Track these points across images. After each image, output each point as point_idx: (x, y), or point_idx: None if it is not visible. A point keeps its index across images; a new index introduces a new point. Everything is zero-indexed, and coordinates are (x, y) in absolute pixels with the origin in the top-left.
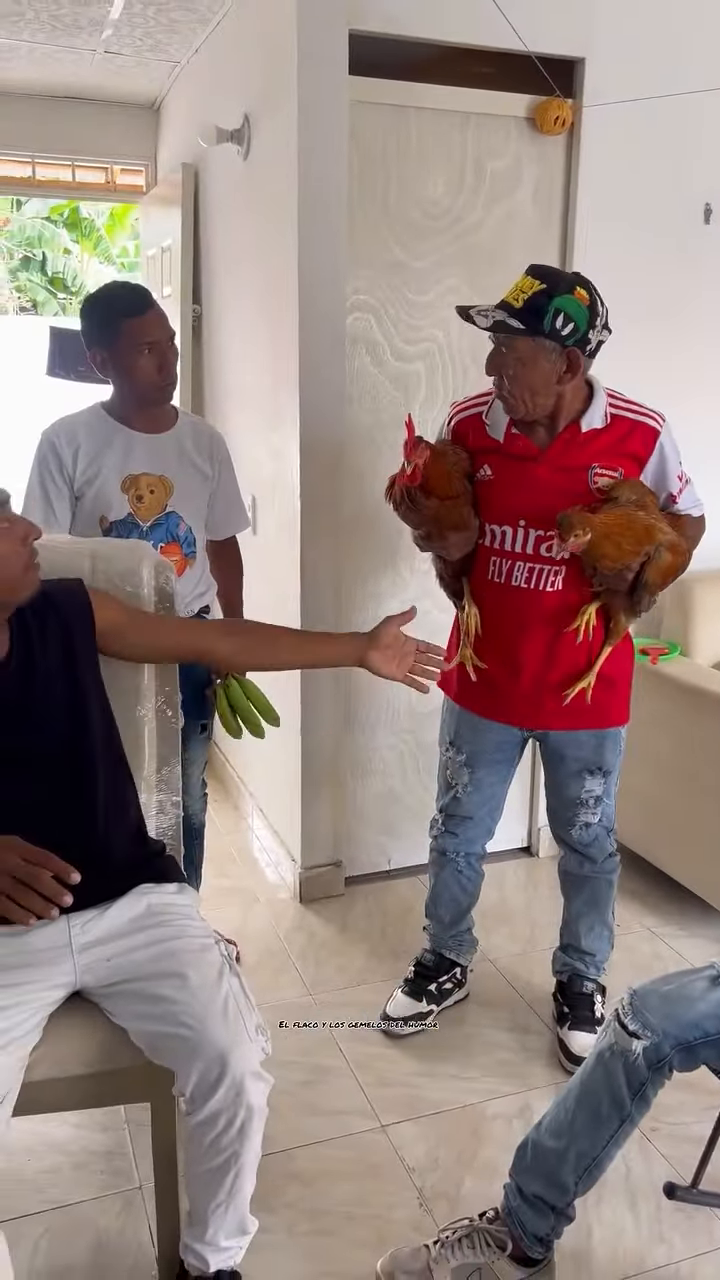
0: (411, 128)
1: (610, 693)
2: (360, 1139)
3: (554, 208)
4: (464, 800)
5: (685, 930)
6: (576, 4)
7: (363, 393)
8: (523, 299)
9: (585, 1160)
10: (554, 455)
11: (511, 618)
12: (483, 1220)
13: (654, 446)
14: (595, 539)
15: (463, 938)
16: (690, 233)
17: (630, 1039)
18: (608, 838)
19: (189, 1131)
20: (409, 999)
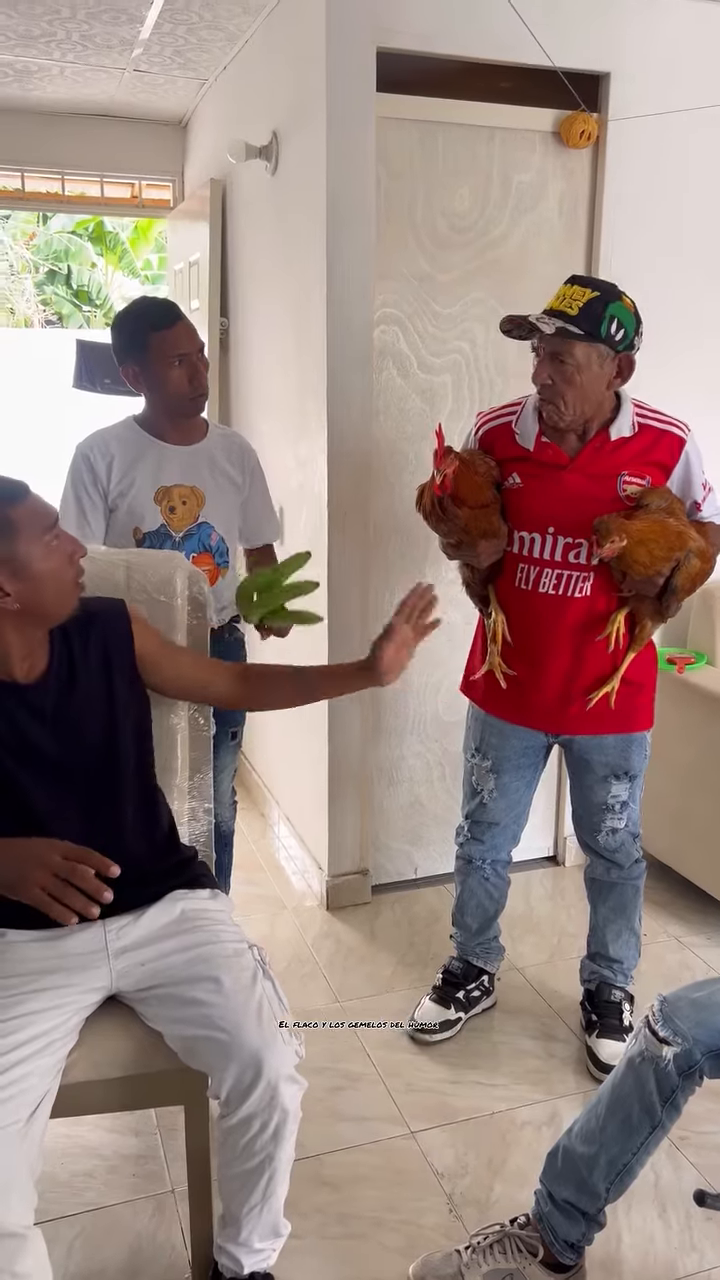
0: (438, 142)
1: (635, 698)
2: (389, 1145)
3: (579, 221)
4: (490, 806)
5: (713, 940)
6: (602, 19)
7: (389, 405)
8: (577, 306)
9: (616, 1166)
10: (583, 463)
11: (538, 624)
12: (514, 1226)
13: (680, 455)
14: (630, 545)
15: (490, 945)
16: (717, 247)
17: (661, 1045)
18: (634, 844)
19: (222, 1134)
20: (437, 1006)
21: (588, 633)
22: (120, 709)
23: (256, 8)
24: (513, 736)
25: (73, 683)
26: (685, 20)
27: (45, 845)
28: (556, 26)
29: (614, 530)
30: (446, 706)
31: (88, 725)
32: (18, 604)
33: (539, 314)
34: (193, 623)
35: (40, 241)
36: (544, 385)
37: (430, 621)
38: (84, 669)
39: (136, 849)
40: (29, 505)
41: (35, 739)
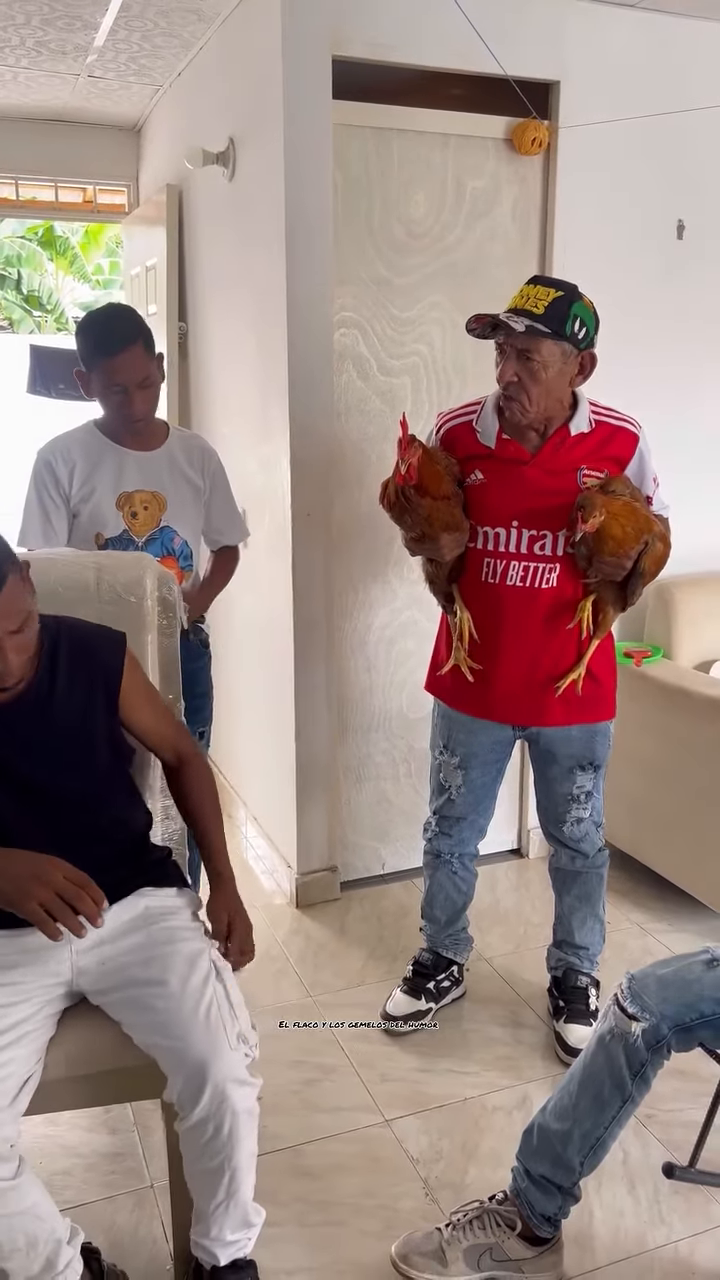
0: (393, 149)
1: (598, 689)
2: (365, 1133)
3: (532, 226)
4: (458, 802)
5: (673, 926)
6: (552, 29)
7: (350, 407)
8: (543, 305)
9: (590, 1140)
10: (544, 458)
11: (506, 617)
12: (492, 1202)
13: (634, 451)
14: (607, 520)
15: (459, 936)
16: (665, 249)
17: (629, 1021)
18: (597, 833)
19: (182, 1136)
20: (408, 997)
21: (555, 622)
22: (99, 734)
23: (211, 15)
24: (480, 732)
25: (49, 703)
26: (632, 29)
27: (48, 863)
28: (508, 36)
29: (597, 505)
30: (411, 703)
31: (62, 747)
32: None
33: (507, 314)
34: (162, 623)
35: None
36: (510, 382)
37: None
38: (66, 691)
39: (104, 854)
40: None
41: (5, 756)
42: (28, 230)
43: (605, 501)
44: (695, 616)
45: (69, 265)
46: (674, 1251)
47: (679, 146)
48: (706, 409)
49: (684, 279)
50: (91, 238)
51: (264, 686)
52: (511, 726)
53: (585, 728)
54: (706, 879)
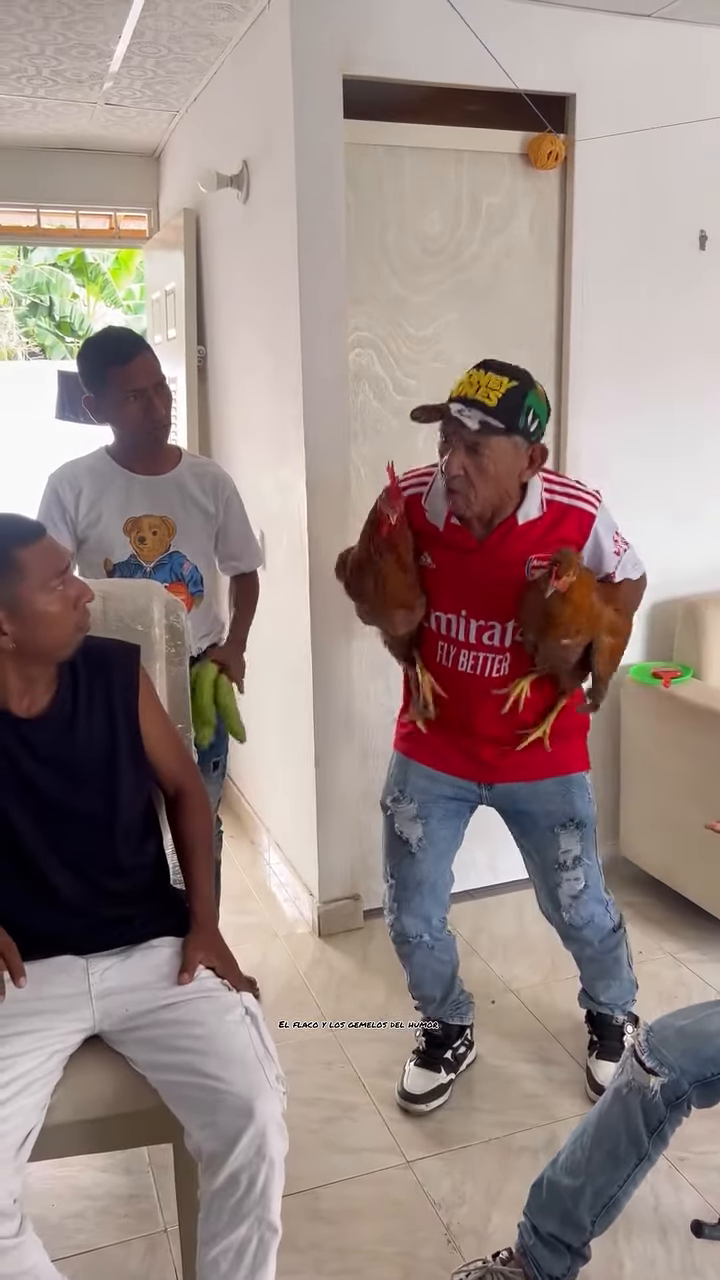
0: (406, 167)
1: (564, 744)
2: (385, 1175)
3: (550, 241)
4: (420, 858)
5: (707, 955)
6: (565, 41)
7: (366, 427)
8: (496, 397)
9: (602, 1199)
10: (490, 548)
11: (463, 698)
12: (496, 1261)
13: (589, 531)
14: (575, 586)
15: (460, 1001)
16: (686, 260)
17: (648, 1076)
18: (605, 914)
19: (207, 1204)
20: (426, 1071)
21: (508, 711)
22: (121, 751)
23: (223, 39)
24: (442, 782)
25: (74, 722)
26: (645, 39)
27: None
28: (520, 49)
29: (574, 565)
30: None
31: (86, 765)
32: (13, 643)
33: (458, 406)
34: (170, 651)
35: (21, 275)
36: (455, 476)
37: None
38: (87, 709)
39: (124, 889)
40: (40, 548)
41: (29, 774)
42: (59, 257)
43: (579, 563)
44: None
45: (100, 291)
46: None
47: (698, 155)
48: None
49: (706, 290)
50: (122, 264)
51: (283, 711)
52: (476, 784)
53: (558, 780)
54: None
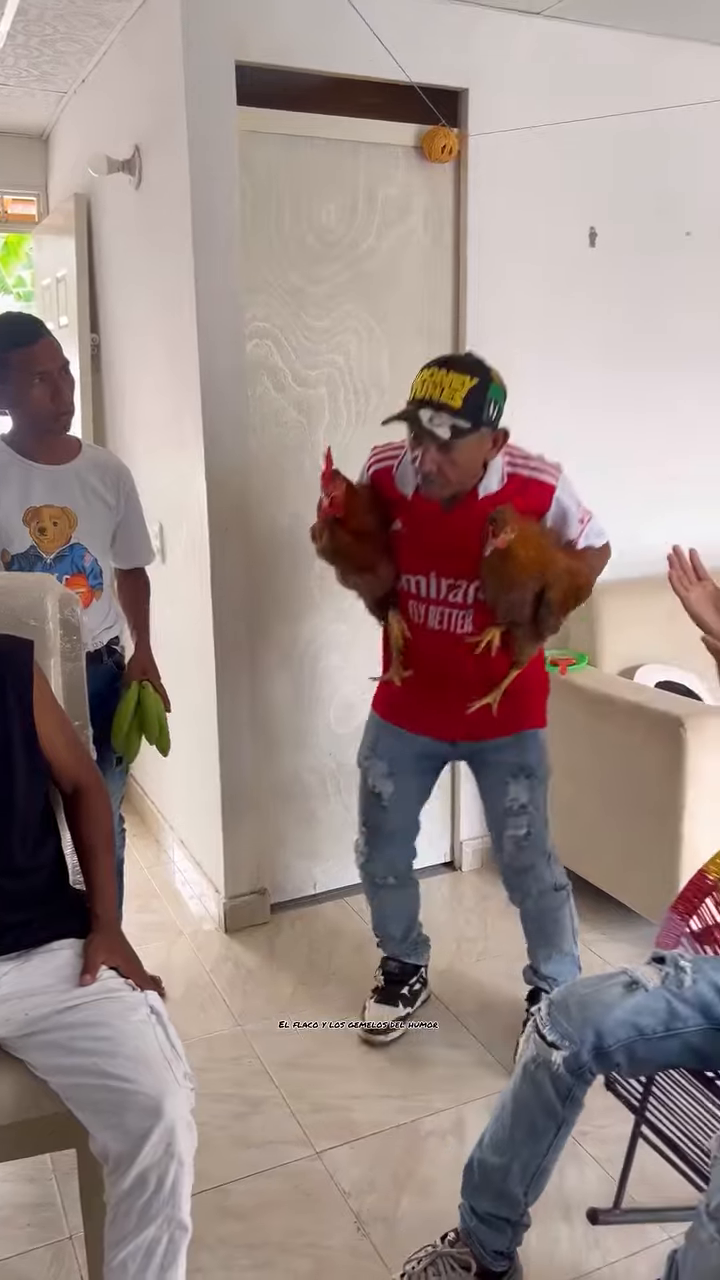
0: (302, 157)
1: (521, 700)
2: (294, 1168)
3: (445, 234)
4: (390, 811)
5: (608, 935)
6: (457, 36)
7: (266, 418)
8: (460, 398)
9: (530, 1170)
10: (453, 519)
11: (429, 656)
12: (445, 1244)
13: (550, 502)
14: (517, 539)
15: (418, 941)
16: (578, 257)
17: (550, 1049)
18: (547, 866)
19: (115, 1206)
20: (386, 1005)
21: (475, 663)
22: (15, 749)
23: (112, 20)
24: (411, 742)
25: None
26: (538, 37)
27: None
28: (414, 43)
29: (510, 521)
30: (339, 718)
31: None
32: None
33: (427, 413)
34: (65, 647)
35: None
36: (429, 472)
37: None
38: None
39: (22, 892)
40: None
41: None
42: None
43: (518, 519)
44: (618, 623)
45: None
46: (611, 1273)
47: (589, 154)
48: (618, 416)
49: (596, 286)
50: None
51: (185, 707)
52: (443, 742)
53: (516, 735)
54: (637, 887)
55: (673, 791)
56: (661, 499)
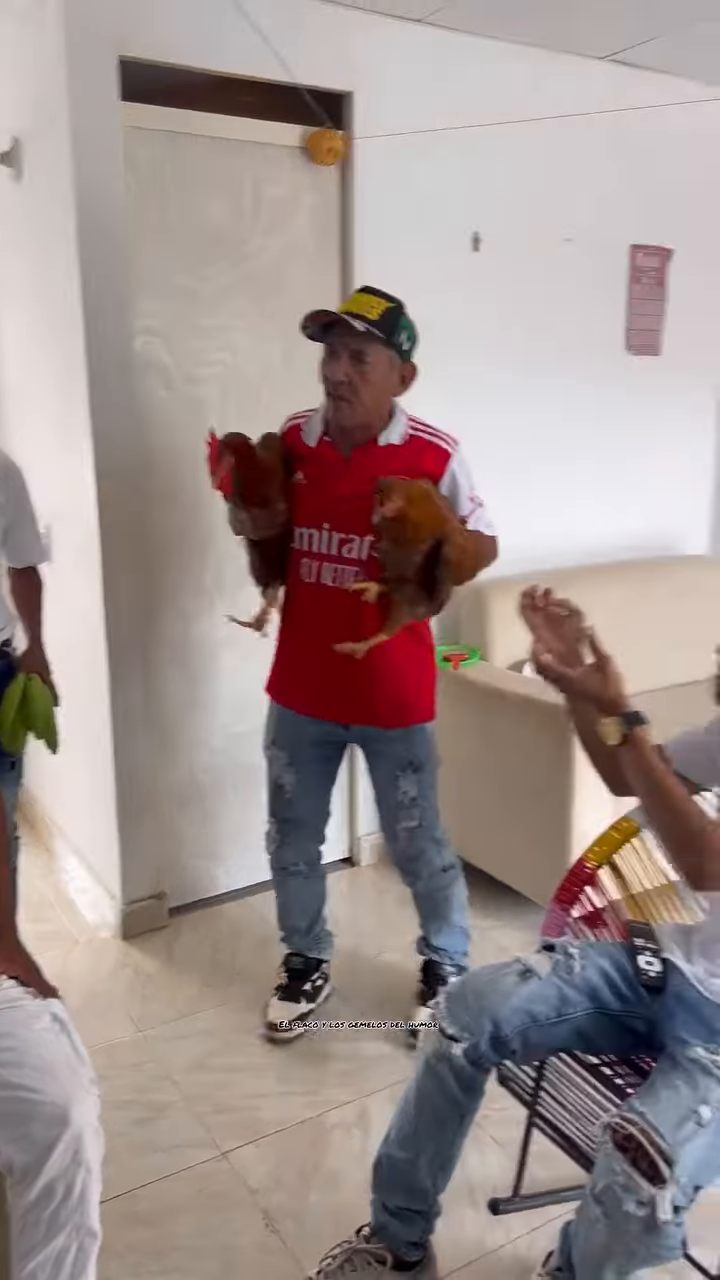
0: (188, 154)
1: (412, 691)
2: (201, 1170)
3: (332, 235)
4: (295, 802)
5: (503, 921)
6: (341, 39)
7: (156, 417)
8: (377, 313)
9: (438, 1161)
10: (354, 466)
11: (321, 616)
12: (359, 1239)
13: (445, 468)
14: (405, 505)
15: (321, 935)
16: (462, 261)
17: (449, 1043)
18: (437, 851)
19: (21, 1218)
20: (288, 1003)
21: (360, 623)
22: None
23: None
24: (306, 727)
25: None
26: (421, 44)
27: None
28: (299, 44)
29: (397, 490)
30: (235, 717)
31: None
32: None
33: (346, 316)
34: None
35: None
36: (339, 382)
37: None
38: None
39: None
40: None
41: None
42: None
43: (404, 486)
44: (508, 619)
45: None
46: (513, 1249)
47: (473, 160)
48: (504, 416)
49: (480, 290)
50: None
51: (78, 709)
52: (337, 725)
53: (404, 730)
54: (529, 874)
55: (561, 781)
56: (543, 497)
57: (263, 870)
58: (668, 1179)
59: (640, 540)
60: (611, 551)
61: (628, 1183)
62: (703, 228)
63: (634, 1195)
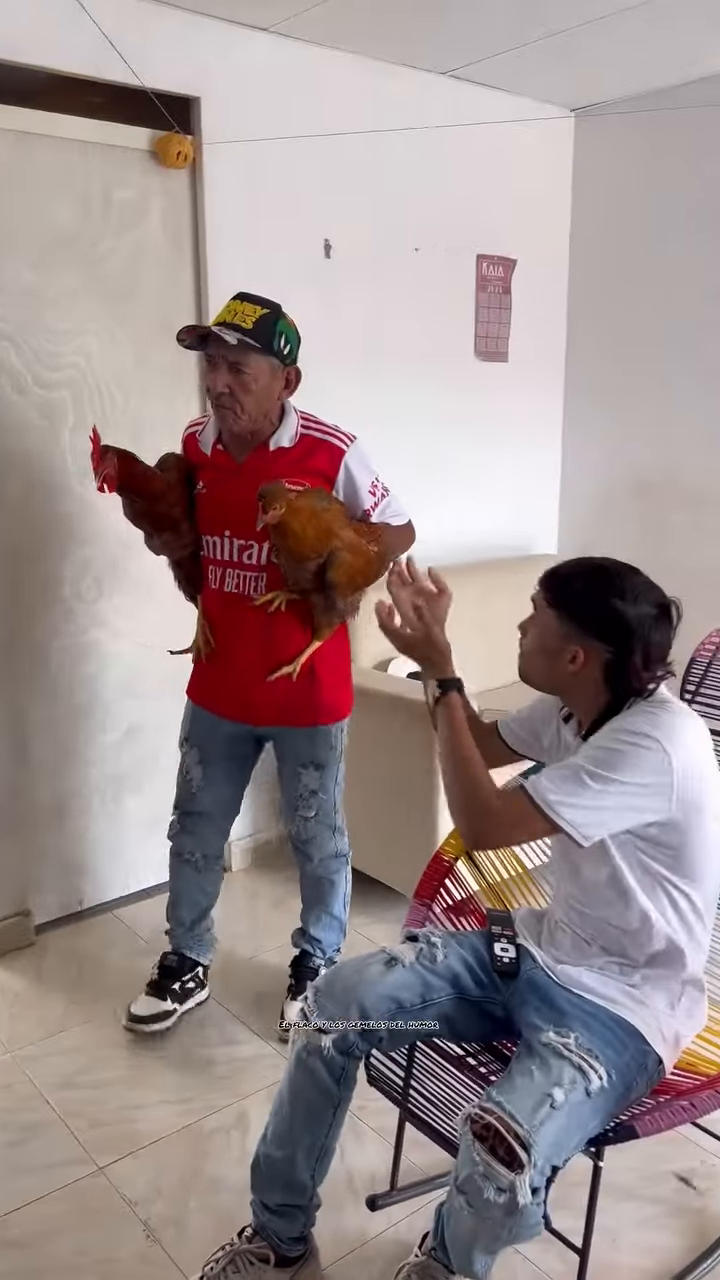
0: (33, 155)
1: (319, 693)
2: (77, 1187)
3: (184, 239)
4: (199, 796)
5: (375, 917)
6: (188, 44)
7: (6, 422)
8: (251, 321)
9: (314, 1154)
10: (248, 471)
11: (229, 623)
12: (241, 1240)
13: (339, 465)
14: (287, 514)
15: (203, 938)
16: (315, 268)
17: (319, 1035)
18: (331, 837)
19: None
20: (153, 998)
21: (271, 628)
22: None
23: None
24: (221, 726)
25: None
26: (267, 51)
27: None
28: (145, 47)
29: (279, 497)
30: (101, 727)
31: None
32: None
33: (218, 327)
34: None
35: None
36: (220, 394)
37: None
38: None
39: None
40: None
41: None
42: None
43: (286, 495)
44: (373, 619)
45: None
46: (394, 1233)
47: (323, 169)
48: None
49: (333, 297)
50: None
51: None
52: (246, 725)
53: (306, 730)
54: (399, 869)
55: (427, 776)
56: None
57: (134, 880)
58: (525, 1164)
59: (497, 540)
60: (469, 551)
61: (487, 1171)
62: (543, 239)
63: (494, 1182)
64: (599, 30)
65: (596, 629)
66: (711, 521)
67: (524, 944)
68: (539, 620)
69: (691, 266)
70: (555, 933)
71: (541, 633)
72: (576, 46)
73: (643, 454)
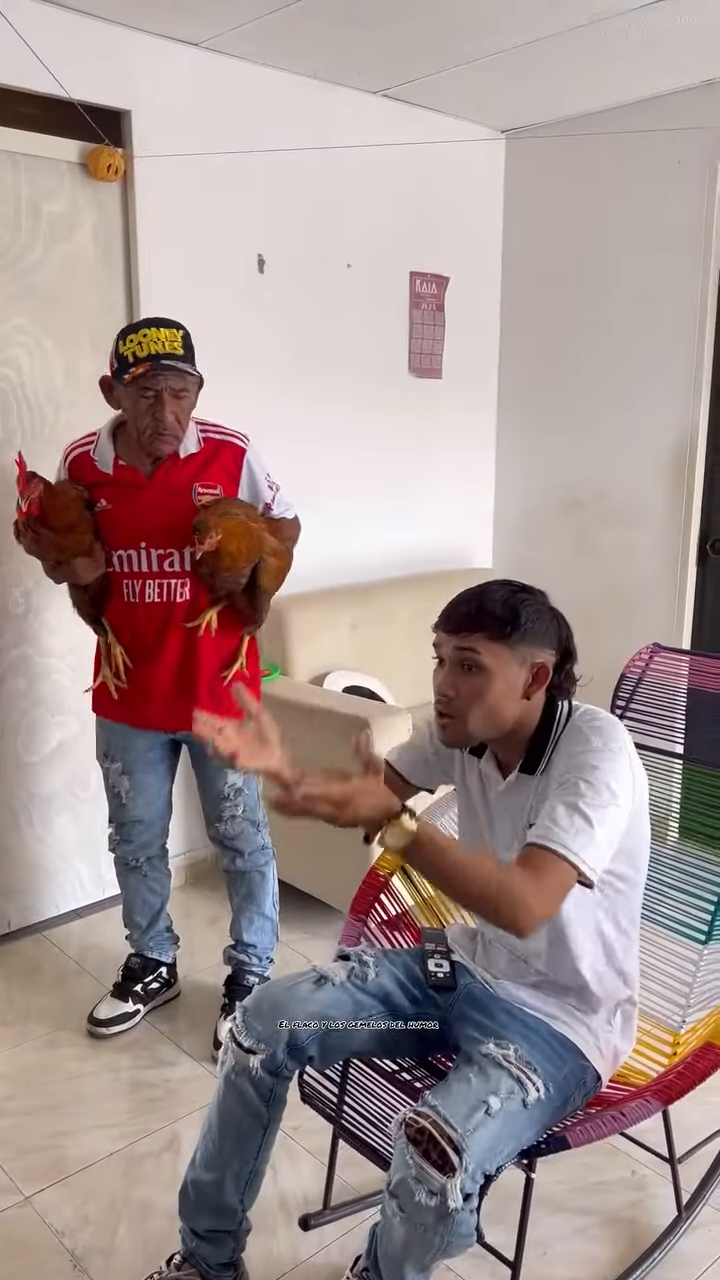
0: None
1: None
2: (1, 1218)
3: (115, 252)
4: (130, 805)
5: (310, 933)
6: (117, 57)
7: None
8: (179, 345)
9: (244, 1177)
10: (159, 481)
11: (149, 633)
12: (170, 1268)
13: (242, 463)
14: (223, 539)
15: (162, 937)
16: (248, 282)
17: (247, 1055)
18: (255, 831)
19: None
20: (116, 1001)
21: (193, 633)
22: None
23: None
24: (137, 738)
25: None
26: (196, 66)
27: None
28: (74, 59)
29: (212, 527)
30: (26, 747)
31: None
32: None
33: (168, 361)
34: None
35: None
36: (171, 424)
37: None
38: None
39: None
40: None
41: None
42: None
43: (219, 522)
44: (306, 632)
45: None
46: (326, 1255)
47: (256, 184)
48: (291, 436)
49: (266, 312)
50: None
51: None
52: (164, 732)
53: None
54: (333, 883)
55: None
56: (334, 516)
57: (65, 900)
58: (457, 1168)
59: (433, 554)
60: (404, 566)
61: (419, 1174)
62: (475, 257)
63: (425, 1185)
64: (523, 55)
65: (542, 637)
66: (640, 538)
67: (460, 959)
68: (488, 666)
69: (618, 286)
70: (490, 950)
71: (500, 673)
72: (504, 71)
73: (573, 471)
